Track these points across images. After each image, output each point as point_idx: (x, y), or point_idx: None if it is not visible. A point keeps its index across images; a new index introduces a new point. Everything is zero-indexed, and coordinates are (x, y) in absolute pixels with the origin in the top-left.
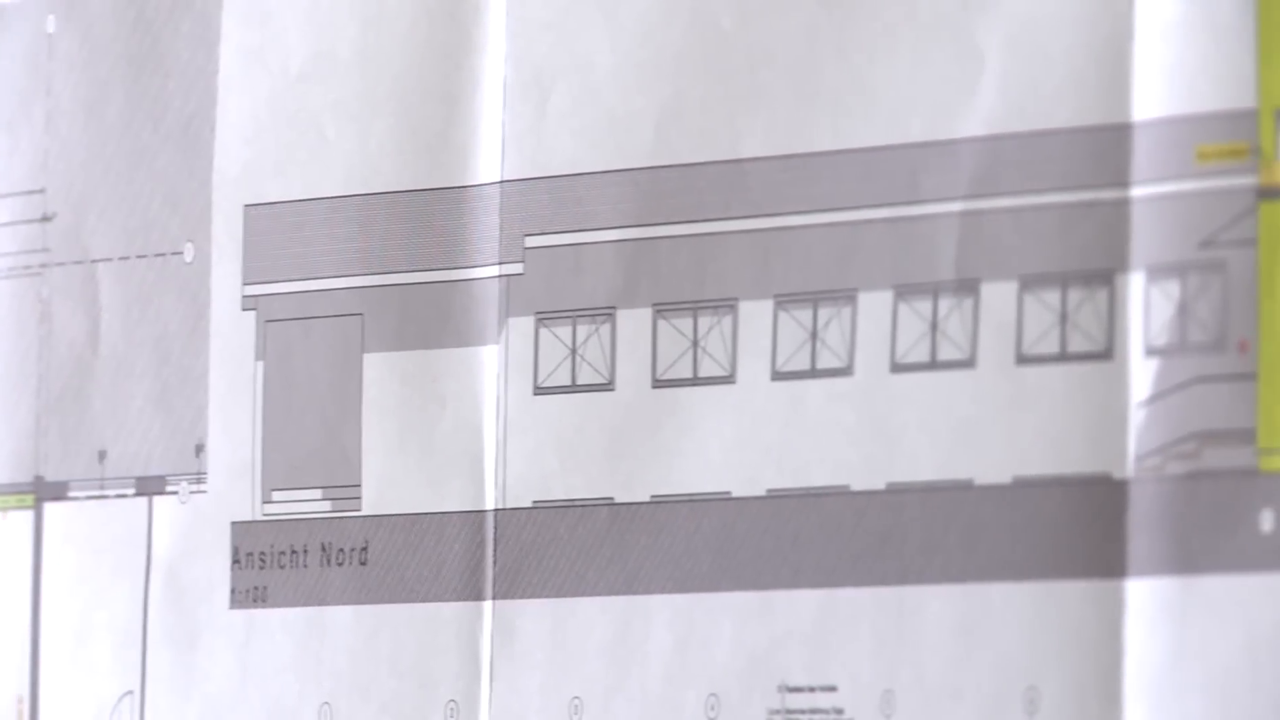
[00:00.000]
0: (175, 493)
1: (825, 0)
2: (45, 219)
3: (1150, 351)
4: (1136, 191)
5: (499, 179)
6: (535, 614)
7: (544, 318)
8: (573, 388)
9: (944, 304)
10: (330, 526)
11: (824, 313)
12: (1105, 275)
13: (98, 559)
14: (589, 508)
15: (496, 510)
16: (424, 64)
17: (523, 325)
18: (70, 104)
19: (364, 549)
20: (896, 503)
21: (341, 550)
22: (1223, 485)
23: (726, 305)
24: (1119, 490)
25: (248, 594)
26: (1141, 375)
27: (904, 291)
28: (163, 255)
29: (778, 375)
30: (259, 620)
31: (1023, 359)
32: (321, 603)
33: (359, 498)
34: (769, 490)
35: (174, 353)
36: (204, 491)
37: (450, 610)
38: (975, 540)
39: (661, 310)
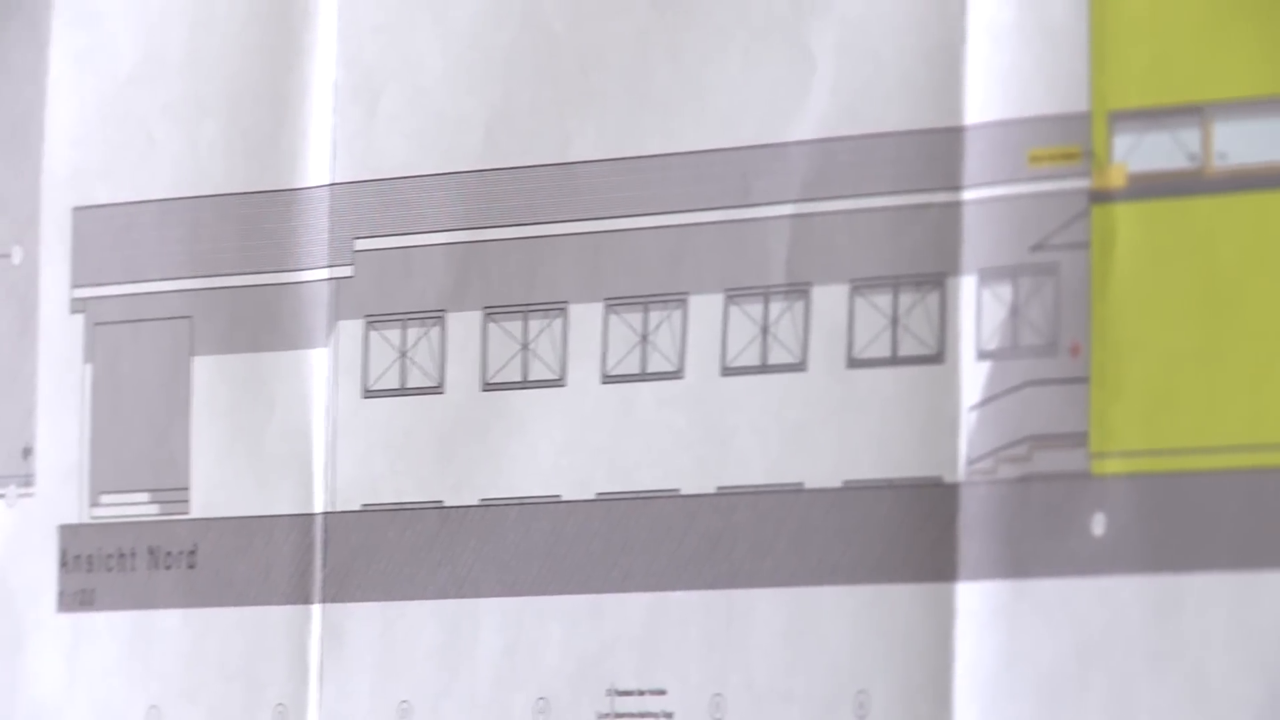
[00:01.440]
0: (2, 496)
1: (657, 3)
2: None
3: (982, 355)
4: (968, 195)
5: (329, 181)
6: (364, 617)
7: (373, 320)
8: (402, 391)
9: (775, 307)
10: (159, 529)
11: (654, 316)
12: (937, 278)
13: None
14: (418, 511)
15: (325, 513)
16: (254, 66)
17: (352, 328)
18: None
19: (192, 552)
20: (726, 506)
21: (170, 553)
22: (1054, 489)
23: (556, 308)
24: (950, 494)
25: (75, 597)
26: (973, 379)
27: (735, 295)
28: None
29: (608, 378)
30: (86, 624)
31: (854, 362)
32: (150, 606)
33: (187, 501)
34: (599, 493)
35: (1, 355)
36: (31, 494)
37: (279, 613)
38: (805, 544)
39: (491, 313)
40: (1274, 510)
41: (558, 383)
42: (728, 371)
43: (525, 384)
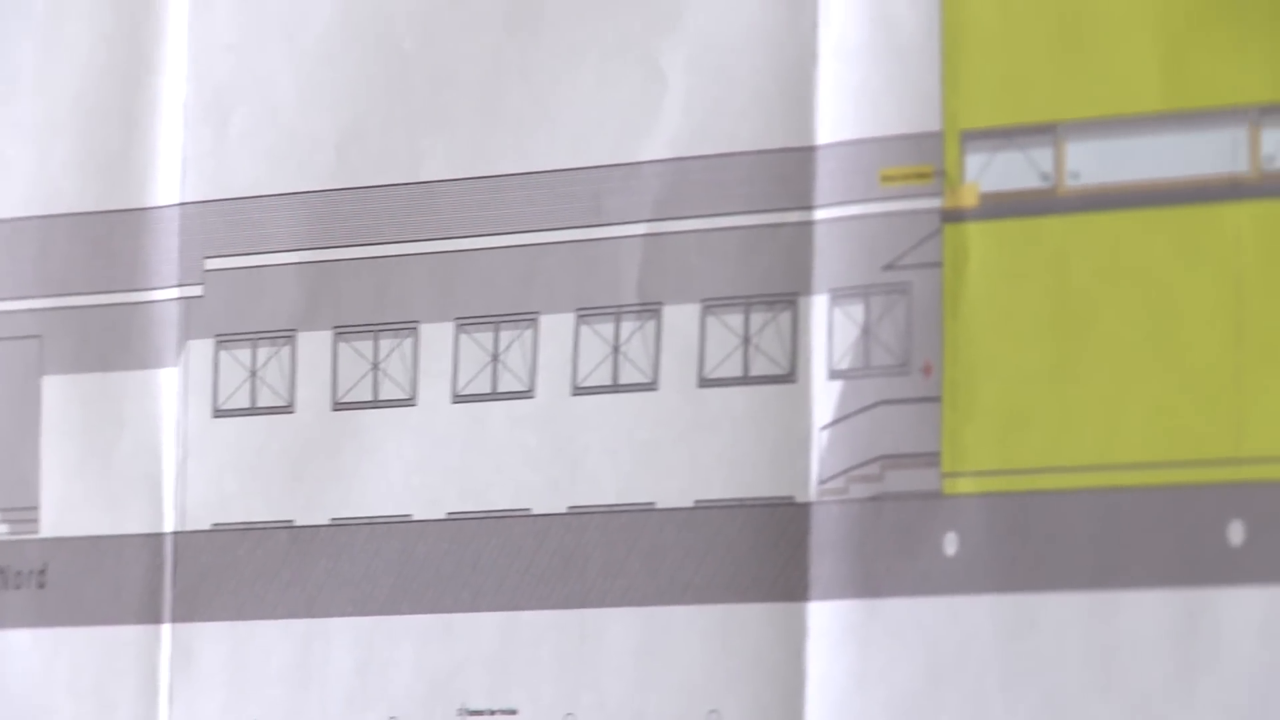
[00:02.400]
0: None
1: (509, 22)
2: None
3: (834, 374)
4: (820, 214)
5: (179, 201)
6: (214, 637)
7: (224, 340)
8: (252, 410)
9: (626, 326)
10: (8, 549)
11: (505, 335)
12: (788, 298)
13: None
14: (269, 530)
15: (175, 533)
16: (104, 85)
17: (202, 348)
18: None
19: (42, 571)
20: (578, 525)
21: (19, 573)
22: (906, 508)
23: (407, 328)
24: (801, 513)
25: None
26: (825, 398)
27: (586, 314)
28: None
29: (459, 398)
30: None
31: (705, 382)
32: None
33: (37, 520)
34: (449, 513)
35: None
36: None
37: (129, 633)
38: (657, 563)
39: (342, 333)
40: (1126, 530)
41: (408, 402)
42: (579, 391)
43: (376, 403)
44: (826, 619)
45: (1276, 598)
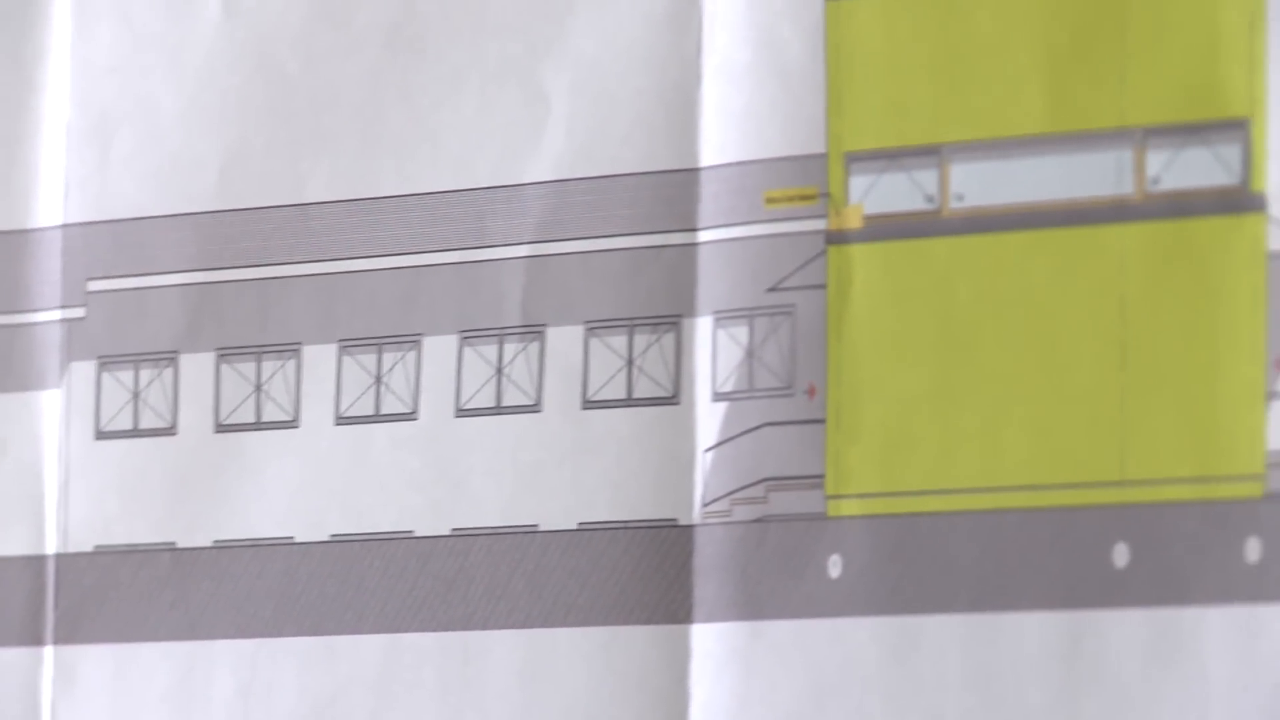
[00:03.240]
0: None
1: (391, 44)
2: None
3: (718, 396)
4: (704, 236)
5: (61, 222)
6: (97, 659)
7: (106, 362)
8: (135, 432)
9: (509, 348)
10: None
11: (388, 357)
12: (672, 320)
13: None
14: (151, 552)
15: (57, 555)
16: None
17: (84, 369)
18: None
19: None
20: (461, 548)
21: None
22: (790, 531)
23: (290, 349)
24: (685, 536)
25: None
26: (709, 420)
27: (469, 336)
28: None
29: (342, 420)
30: None
31: (589, 404)
32: None
33: None
34: (333, 535)
35: None
36: None
37: (10, 655)
38: (541, 585)
39: (225, 354)
40: (1009, 552)
41: (291, 424)
42: (462, 413)
43: (259, 425)
44: (710, 641)
45: (1160, 620)
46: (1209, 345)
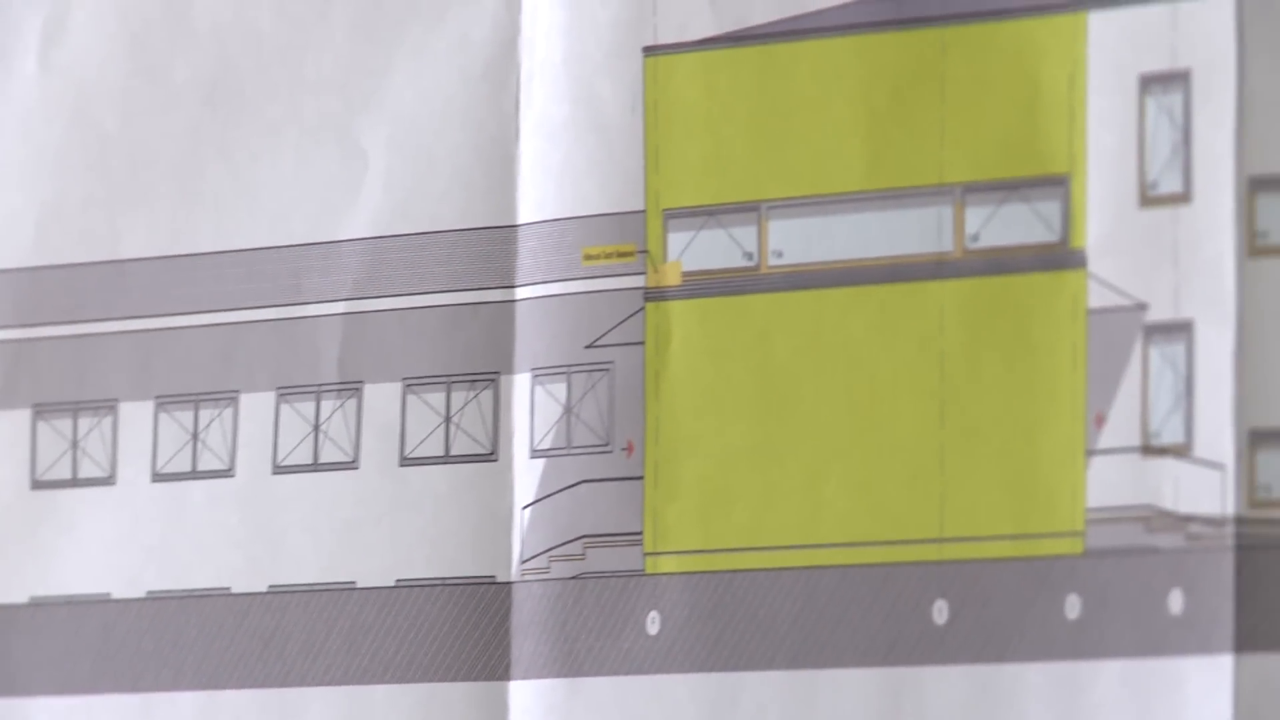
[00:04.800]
0: None
1: (209, 100)
2: None
3: (536, 453)
4: (521, 293)
5: None
6: None
7: None
8: None
9: (327, 405)
10: None
11: (205, 414)
12: (490, 377)
13: None
14: None
15: None
16: None
17: None
18: None
19: None
20: (278, 605)
21: None
22: (609, 587)
23: (106, 406)
24: (503, 593)
25: None
26: (527, 477)
27: (286, 393)
28: None
29: (158, 476)
30: None
31: (406, 461)
32: None
33: None
34: (149, 592)
35: None
36: None
37: None
38: (358, 642)
39: (41, 410)
40: (829, 608)
41: (108, 481)
42: (279, 470)
43: (75, 482)
44: (528, 698)
45: (980, 676)
46: (1029, 402)
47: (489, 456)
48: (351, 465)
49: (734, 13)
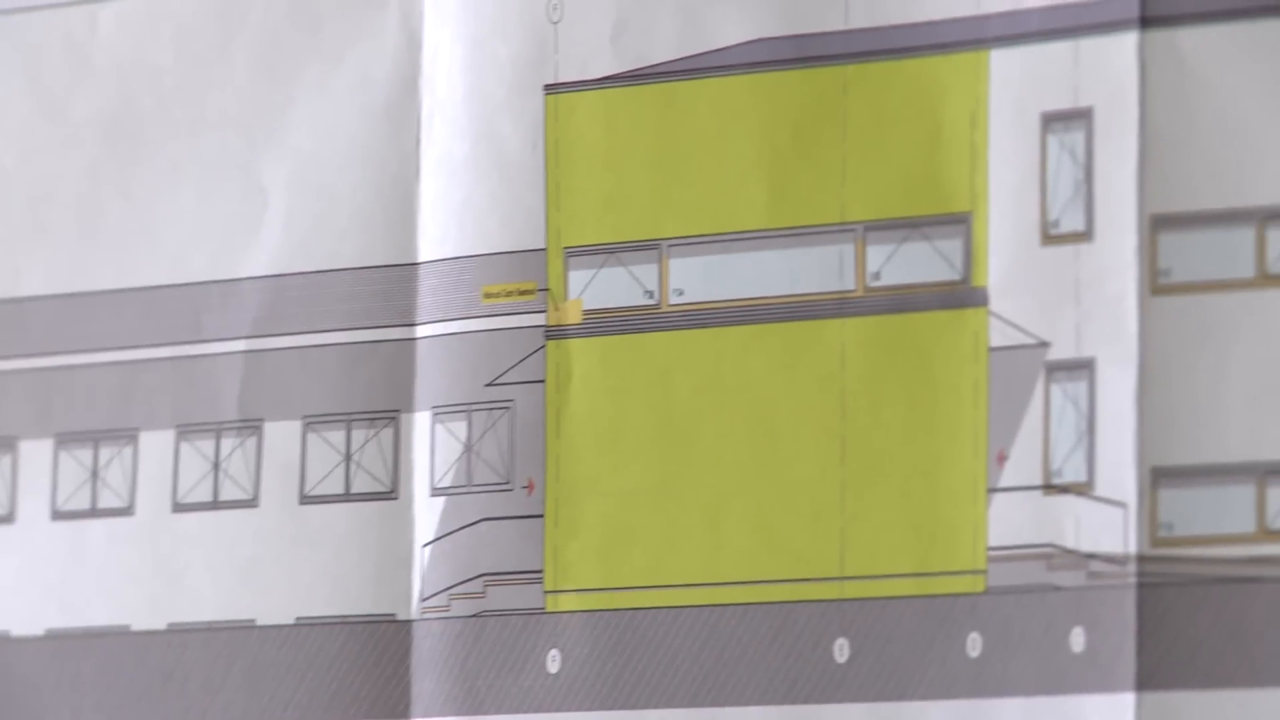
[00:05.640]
0: None
1: (108, 137)
2: None
3: (436, 491)
4: (422, 331)
5: None
6: None
7: None
8: None
9: (227, 443)
10: None
11: (105, 452)
12: (390, 415)
13: None
14: None
15: None
16: None
17: None
18: None
19: None
20: (178, 643)
21: None
22: (509, 626)
23: (6, 444)
24: (403, 631)
25: None
26: (427, 515)
27: (186, 431)
28: None
29: (58, 514)
30: None
31: (306, 499)
32: None
33: None
34: (48, 630)
35: None
36: None
37: None
38: (258, 680)
39: None
40: (729, 647)
41: (7, 519)
42: (179, 508)
43: None
44: None
45: (881, 714)
46: (930, 440)
47: (389, 494)
48: (251, 503)
49: (635, 51)
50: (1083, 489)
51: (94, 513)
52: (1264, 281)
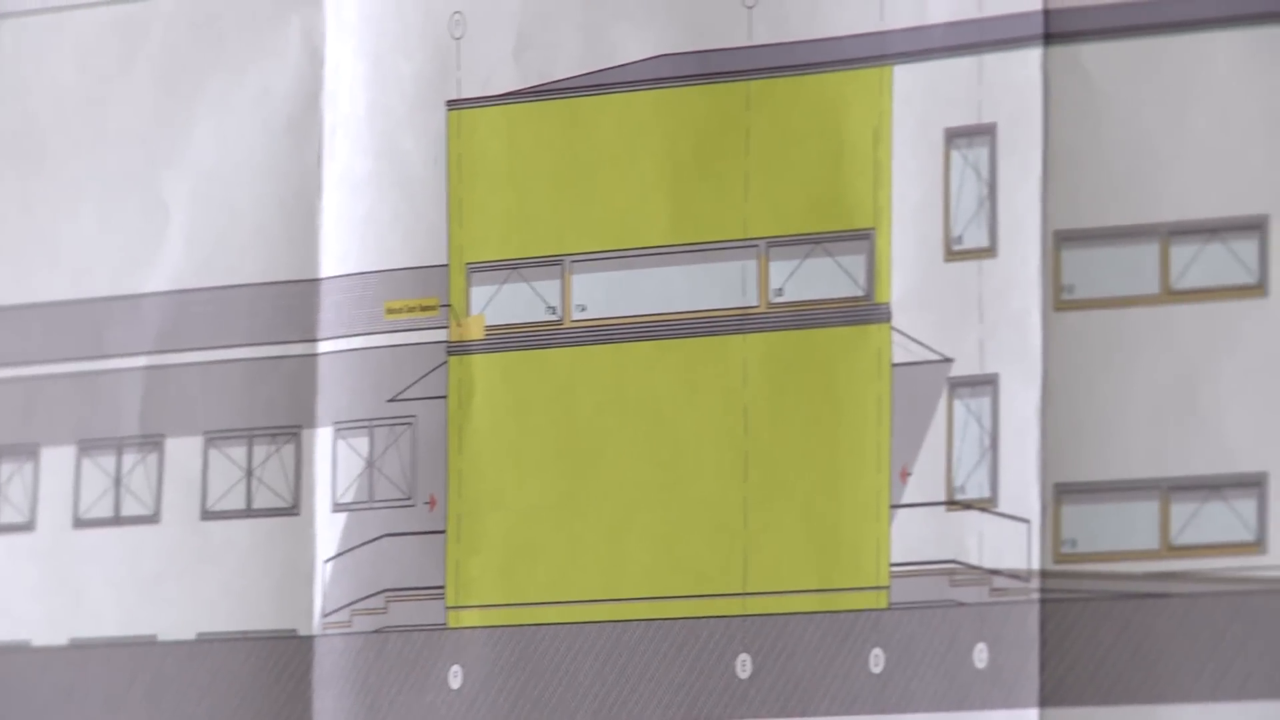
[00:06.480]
0: None
1: (9, 153)
2: None
3: (338, 507)
4: (324, 347)
5: None
6: None
7: None
8: None
9: (128, 459)
10: None
11: (5, 468)
12: (292, 431)
13: None
14: None
15: None
16: None
17: None
18: None
19: None
20: (79, 658)
21: None
22: (411, 641)
23: None
24: (305, 646)
25: None
26: (329, 531)
27: (87, 446)
28: None
29: None
30: None
31: (208, 514)
32: None
33: None
34: None
35: None
36: None
37: None
38: (159, 696)
39: None
40: (632, 663)
41: None
42: (80, 523)
43: None
44: None
45: None
46: (833, 456)
47: (291, 510)
48: (153, 519)
49: (538, 67)
50: (986, 505)
51: None
52: (1168, 297)
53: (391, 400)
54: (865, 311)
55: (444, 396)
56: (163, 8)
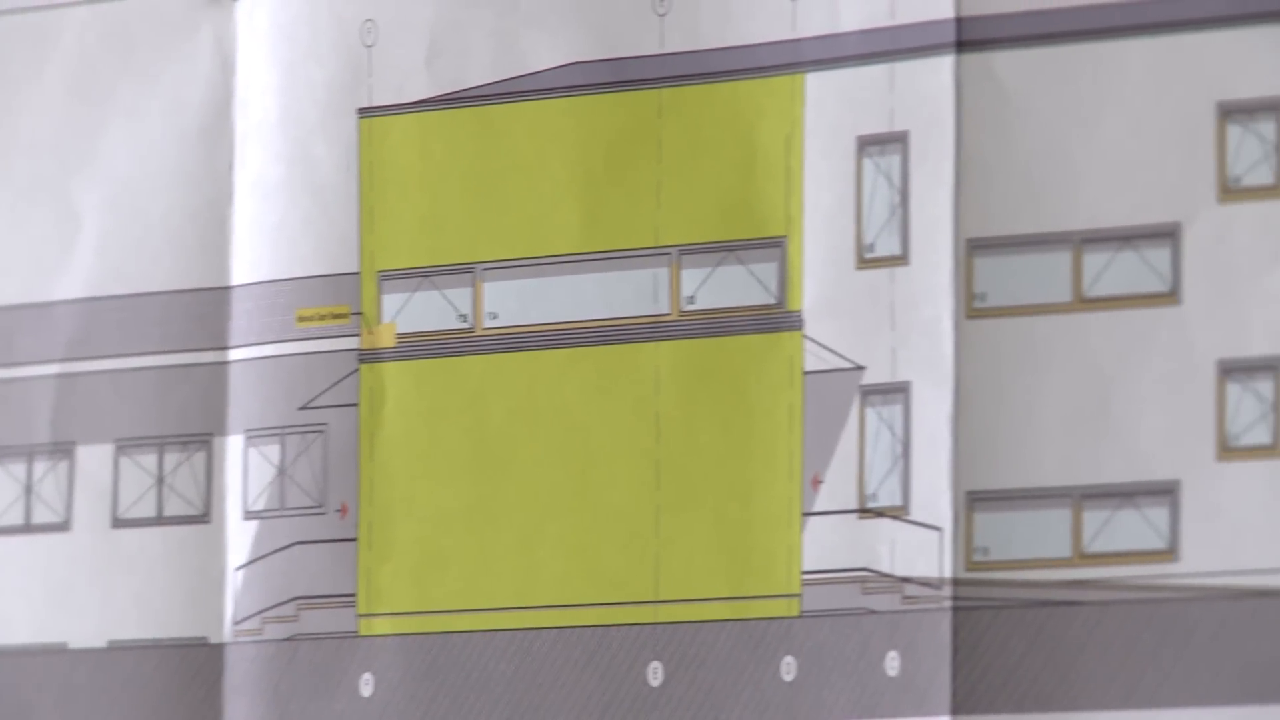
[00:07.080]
0: None
1: None
2: None
3: (249, 515)
4: (235, 354)
5: None
6: None
7: None
8: None
9: (39, 466)
10: None
11: None
12: (203, 438)
13: None
14: None
15: None
16: None
17: None
18: None
19: None
20: None
21: None
22: (322, 649)
23: None
24: (216, 654)
25: None
26: (240, 539)
27: None
28: None
29: None
30: None
31: (119, 522)
32: None
33: None
34: None
35: None
36: None
37: None
38: (70, 704)
39: None
40: (544, 670)
41: None
42: None
43: None
44: None
45: None
46: (745, 464)
47: (202, 518)
48: (63, 526)
49: (450, 74)
50: (898, 513)
51: None
52: (1080, 305)
53: (303, 408)
54: (777, 319)
55: (355, 404)
56: (74, 15)
